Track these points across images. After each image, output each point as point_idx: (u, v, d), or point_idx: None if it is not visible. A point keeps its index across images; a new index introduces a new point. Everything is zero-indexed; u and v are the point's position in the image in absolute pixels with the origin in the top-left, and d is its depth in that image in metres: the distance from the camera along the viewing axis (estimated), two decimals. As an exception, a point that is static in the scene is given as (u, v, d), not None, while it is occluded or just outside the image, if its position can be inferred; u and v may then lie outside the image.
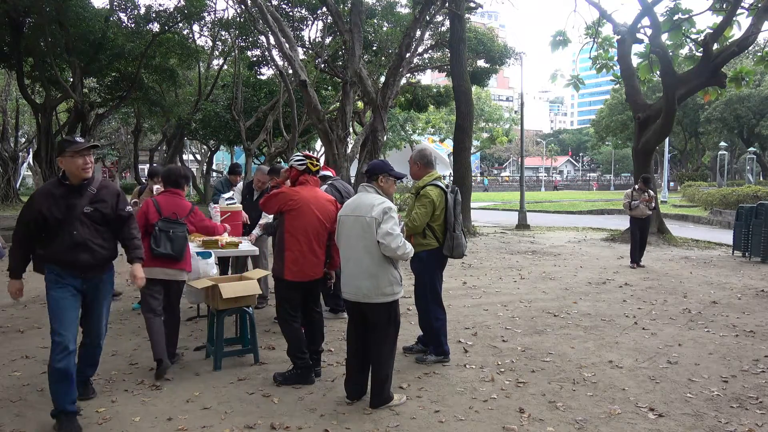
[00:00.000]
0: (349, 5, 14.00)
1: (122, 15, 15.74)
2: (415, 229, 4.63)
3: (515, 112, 55.99)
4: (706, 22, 69.23)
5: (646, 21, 13.59)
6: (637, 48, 14.81)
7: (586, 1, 14.64)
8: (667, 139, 28.93)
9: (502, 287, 8.16)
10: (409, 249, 3.88)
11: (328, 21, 16.65)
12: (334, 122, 13.07)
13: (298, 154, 4.44)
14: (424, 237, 4.70)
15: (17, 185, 27.96)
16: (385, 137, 14.11)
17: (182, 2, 15.13)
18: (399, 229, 3.84)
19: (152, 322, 4.46)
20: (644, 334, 5.74)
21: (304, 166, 4.34)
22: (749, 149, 34.41)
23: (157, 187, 5.99)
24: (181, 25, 17.20)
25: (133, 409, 3.82)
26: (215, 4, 23.66)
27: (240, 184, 7.18)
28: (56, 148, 3.33)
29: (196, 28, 20.00)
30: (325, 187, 5.69)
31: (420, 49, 17.67)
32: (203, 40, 22.08)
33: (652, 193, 10.40)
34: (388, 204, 3.83)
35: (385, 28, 18.54)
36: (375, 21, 18.43)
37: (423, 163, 4.81)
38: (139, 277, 3.82)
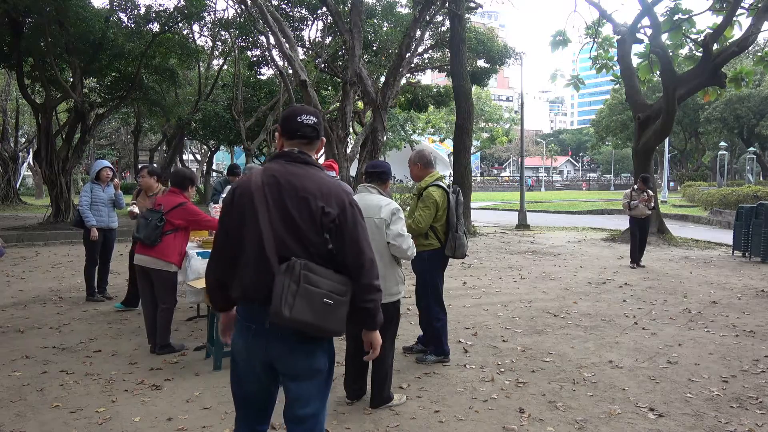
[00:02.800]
0: (349, 5, 13.99)
1: (122, 15, 15.71)
2: (419, 230, 4.62)
3: (515, 112, 55.94)
4: (706, 22, 69.27)
5: (646, 21, 13.60)
6: (637, 48, 14.85)
7: (586, 1, 14.68)
8: (667, 139, 28.94)
9: (502, 287, 8.15)
10: (415, 249, 3.95)
11: (328, 21, 16.64)
12: (334, 122, 13.06)
13: None
14: (426, 237, 4.70)
15: (17, 185, 27.94)
16: (385, 137, 14.09)
17: (182, 2, 15.10)
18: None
19: (143, 308, 5.14)
20: (644, 334, 5.74)
21: None
22: (749, 149, 34.41)
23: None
24: (181, 25, 17.17)
25: (133, 409, 3.82)
26: (215, 4, 23.64)
27: None
28: (320, 124, 2.31)
29: (196, 28, 19.99)
30: None
31: (420, 49, 17.65)
32: (203, 40, 22.10)
33: (651, 192, 10.40)
34: (395, 205, 3.84)
35: (385, 28, 18.51)
36: (375, 21, 18.39)
37: (423, 164, 4.81)
38: None
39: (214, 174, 33.09)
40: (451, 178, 16.20)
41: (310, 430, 2.30)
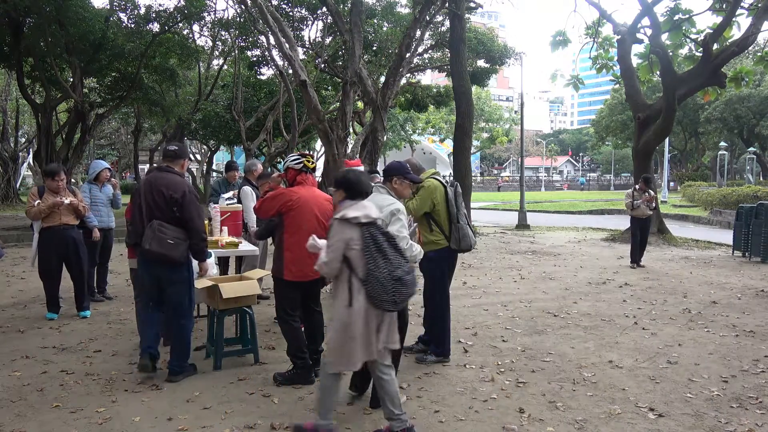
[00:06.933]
0: (349, 5, 13.98)
1: (122, 15, 15.72)
2: (416, 211, 4.65)
3: (515, 112, 55.96)
4: (706, 22, 69.25)
5: (646, 21, 13.60)
6: (637, 48, 14.85)
7: (586, 1, 14.66)
8: (667, 139, 28.93)
9: (502, 287, 8.15)
10: (417, 251, 3.85)
11: (328, 21, 16.63)
12: (334, 122, 13.03)
13: (293, 154, 4.45)
14: (431, 233, 4.70)
15: (17, 185, 27.93)
16: (385, 137, 14.08)
17: (182, 2, 15.11)
18: (407, 231, 3.83)
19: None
20: (644, 334, 5.74)
21: (301, 164, 4.33)
22: (749, 149, 34.37)
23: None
24: (181, 25, 17.17)
25: (133, 409, 3.82)
26: (215, 4, 23.63)
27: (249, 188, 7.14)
28: (181, 150, 4.66)
29: (196, 28, 19.98)
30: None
31: (420, 49, 17.63)
32: (203, 40, 22.10)
33: (652, 193, 10.41)
34: (397, 205, 3.82)
35: (385, 28, 18.49)
36: (375, 21, 18.37)
37: (416, 171, 4.83)
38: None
39: (214, 174, 33.11)
40: (452, 178, 16.21)
41: (182, 307, 4.34)
